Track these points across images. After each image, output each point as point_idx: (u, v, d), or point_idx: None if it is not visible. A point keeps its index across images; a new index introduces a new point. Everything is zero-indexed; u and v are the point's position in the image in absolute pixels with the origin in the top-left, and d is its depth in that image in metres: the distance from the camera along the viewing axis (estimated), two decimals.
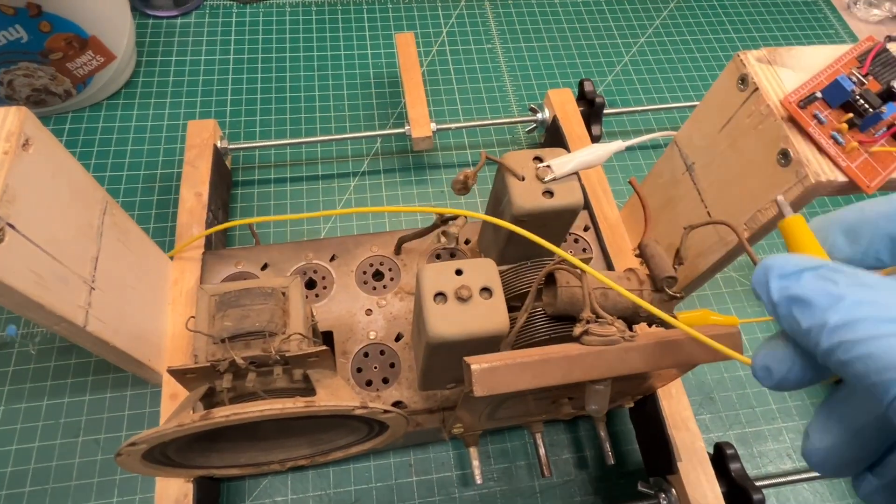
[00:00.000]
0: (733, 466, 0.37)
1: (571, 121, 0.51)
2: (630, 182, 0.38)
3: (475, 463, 0.38)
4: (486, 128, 0.57)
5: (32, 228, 0.26)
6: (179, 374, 0.26)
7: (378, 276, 0.42)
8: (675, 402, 0.39)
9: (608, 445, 0.39)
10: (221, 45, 0.62)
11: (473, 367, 0.26)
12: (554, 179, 0.32)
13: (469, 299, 0.28)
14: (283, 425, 0.34)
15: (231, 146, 0.50)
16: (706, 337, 0.23)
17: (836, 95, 0.27)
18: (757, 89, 0.29)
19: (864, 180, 0.27)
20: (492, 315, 0.28)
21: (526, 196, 0.32)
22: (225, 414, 0.24)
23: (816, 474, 0.41)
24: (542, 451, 0.38)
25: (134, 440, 0.25)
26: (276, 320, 0.28)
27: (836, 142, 0.27)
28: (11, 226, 0.24)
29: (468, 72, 0.63)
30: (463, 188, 0.32)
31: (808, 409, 0.47)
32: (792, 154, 0.27)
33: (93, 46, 0.51)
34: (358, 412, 0.27)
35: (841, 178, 0.27)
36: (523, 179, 0.32)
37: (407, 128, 0.51)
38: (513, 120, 0.54)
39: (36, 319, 0.27)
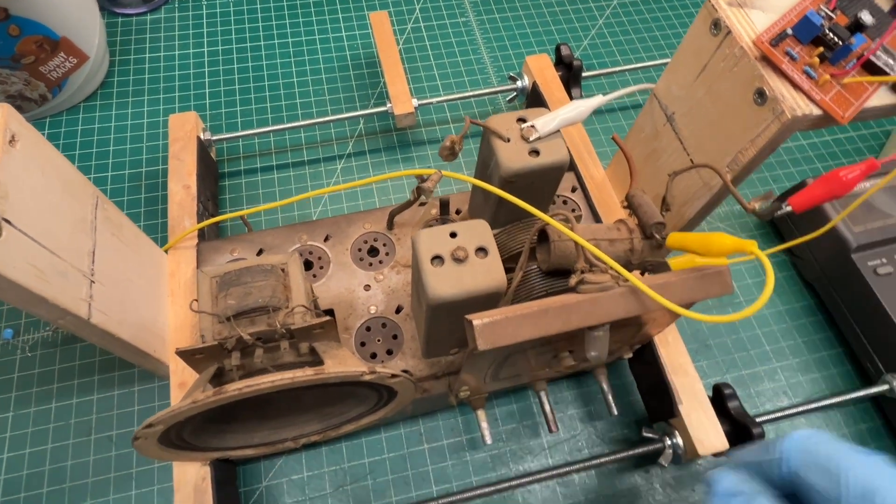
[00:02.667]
0: (732, 405, 0.38)
1: (551, 86, 0.52)
2: (613, 138, 0.39)
3: (483, 424, 0.39)
4: (468, 100, 0.57)
5: (28, 223, 0.26)
6: (188, 356, 0.27)
7: (373, 252, 0.42)
8: (672, 348, 0.40)
9: (611, 398, 0.40)
10: (194, 37, 0.61)
11: (475, 322, 0.26)
12: (539, 138, 0.33)
13: (465, 259, 0.29)
14: (293, 401, 0.35)
15: (214, 137, 0.50)
16: (650, 289, 0.26)
17: (806, 31, 0.28)
18: (730, 32, 0.30)
19: (839, 111, 0.28)
20: (489, 273, 0.29)
21: (513, 157, 0.32)
22: (238, 387, 0.25)
23: (812, 406, 0.43)
24: (547, 406, 0.39)
25: (150, 421, 0.26)
26: (278, 295, 0.28)
27: (809, 76, 0.28)
28: (7, 221, 0.24)
29: (445, 46, 0.63)
30: (450, 154, 0.33)
31: (800, 347, 0.48)
32: (767, 92, 0.28)
33: (64, 48, 0.51)
34: (367, 378, 0.28)
35: (816, 111, 0.28)
36: (508, 141, 0.33)
37: (389, 105, 0.51)
38: (493, 90, 0.55)
39: (41, 314, 0.27)
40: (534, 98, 0.53)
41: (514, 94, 0.54)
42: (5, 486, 0.39)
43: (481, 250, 0.30)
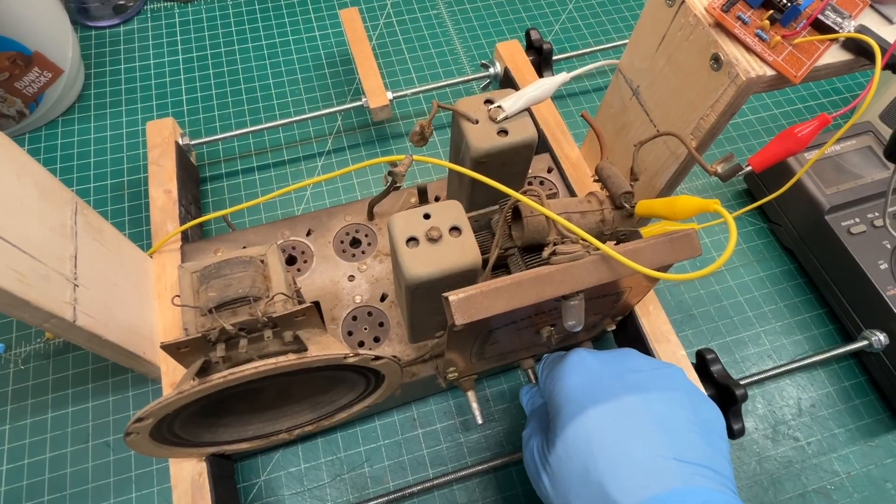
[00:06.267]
0: (715, 368, 0.39)
1: (523, 70, 0.52)
2: (582, 115, 0.39)
3: (474, 405, 0.39)
4: (442, 90, 0.58)
5: (6, 229, 0.26)
6: (173, 349, 0.27)
7: (355, 243, 0.43)
8: (653, 318, 0.41)
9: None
10: (168, 46, 0.61)
11: (451, 298, 0.27)
12: (506, 118, 0.33)
13: (440, 239, 0.30)
14: (284, 392, 0.35)
15: (193, 142, 0.51)
16: (619, 255, 0.27)
17: None
18: (684, 2, 0.31)
19: (791, 71, 0.28)
20: (463, 251, 0.29)
21: (482, 137, 0.33)
22: (222, 375, 0.25)
23: (794, 366, 0.44)
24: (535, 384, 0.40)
25: (140, 415, 0.26)
26: (258, 285, 0.29)
27: (761, 39, 0.29)
28: None
29: (417, 39, 0.63)
30: (421, 139, 0.33)
31: (782, 311, 0.49)
32: (722, 57, 0.29)
33: (38, 62, 0.51)
34: (350, 360, 0.29)
35: (769, 72, 0.28)
36: (477, 122, 0.34)
37: (364, 100, 0.52)
38: (467, 78, 0.55)
39: (26, 319, 0.28)
40: (506, 83, 0.53)
41: (488, 81, 0.55)
42: (7, 498, 0.40)
43: (455, 229, 0.30)
